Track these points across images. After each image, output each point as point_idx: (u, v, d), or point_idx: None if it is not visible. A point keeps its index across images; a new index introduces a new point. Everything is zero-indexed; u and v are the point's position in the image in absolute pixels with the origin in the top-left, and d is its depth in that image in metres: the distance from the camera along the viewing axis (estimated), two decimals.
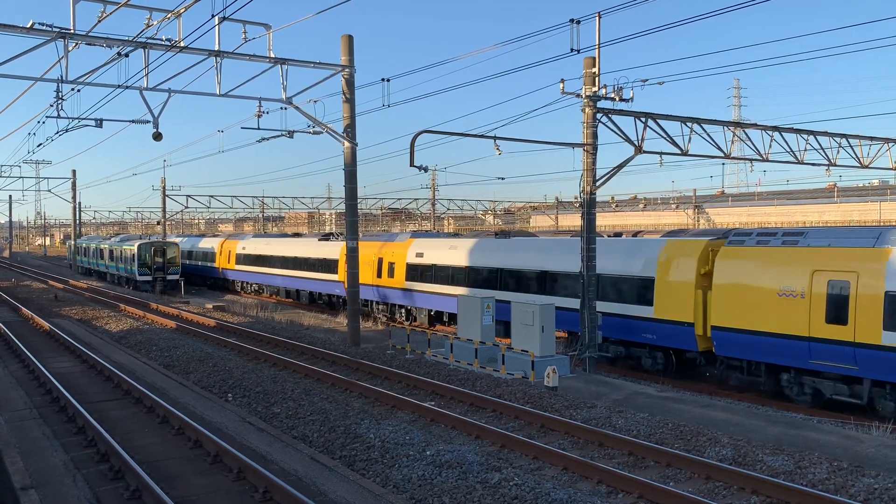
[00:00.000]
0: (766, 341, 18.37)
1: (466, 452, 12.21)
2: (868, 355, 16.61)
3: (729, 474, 10.93)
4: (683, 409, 15.84)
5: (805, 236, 18.55)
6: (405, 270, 32.35)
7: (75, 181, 70.30)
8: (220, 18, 18.98)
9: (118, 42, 19.69)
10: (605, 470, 11.10)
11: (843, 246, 17.47)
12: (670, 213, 74.83)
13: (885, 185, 64.93)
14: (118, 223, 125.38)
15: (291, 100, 23.52)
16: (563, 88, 20.24)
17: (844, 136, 26.38)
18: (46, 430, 13.60)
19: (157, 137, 21.41)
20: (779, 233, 19.45)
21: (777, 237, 19.14)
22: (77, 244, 70.28)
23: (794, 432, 13.92)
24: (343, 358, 20.90)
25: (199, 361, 20.96)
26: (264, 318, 33.15)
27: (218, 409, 15.40)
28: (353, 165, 24.31)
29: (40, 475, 11.04)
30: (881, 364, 16.44)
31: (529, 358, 18.89)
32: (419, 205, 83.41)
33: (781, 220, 62.72)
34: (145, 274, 48.20)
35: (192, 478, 11.06)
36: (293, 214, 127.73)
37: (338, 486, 10.56)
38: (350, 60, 23.90)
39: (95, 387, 17.78)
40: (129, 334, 26.89)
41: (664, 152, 22.02)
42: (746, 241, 19.55)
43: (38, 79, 20.39)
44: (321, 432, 13.71)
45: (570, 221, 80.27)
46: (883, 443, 13.21)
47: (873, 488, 10.41)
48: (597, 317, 20.94)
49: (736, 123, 24.57)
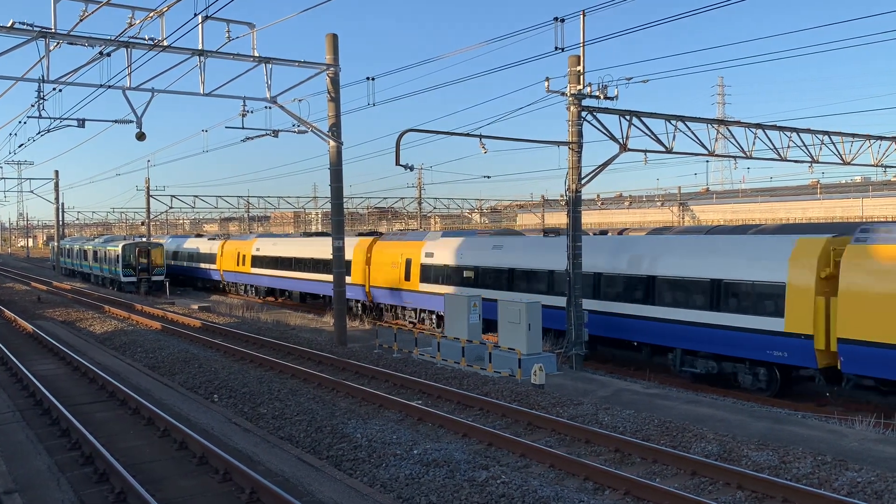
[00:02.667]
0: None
1: (454, 451, 12.22)
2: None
3: (715, 470, 11.00)
4: (669, 405, 15.93)
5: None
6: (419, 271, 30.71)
7: (58, 182, 69.67)
8: (203, 17, 18.88)
9: (100, 41, 19.53)
10: (591, 467, 11.13)
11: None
12: (655, 211, 75.24)
13: (867, 182, 65.63)
14: (102, 224, 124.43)
15: (276, 99, 23.42)
16: (548, 87, 20.30)
17: (827, 134, 26.62)
18: (30, 434, 13.47)
19: (140, 137, 21.25)
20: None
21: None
22: (60, 245, 69.68)
23: (779, 427, 14.03)
24: (330, 358, 20.86)
25: (185, 362, 20.84)
26: (250, 319, 33.01)
27: (204, 411, 15.32)
28: (339, 164, 24.25)
29: (24, 479, 10.94)
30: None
31: (516, 356, 18.93)
32: (405, 203, 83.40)
33: (765, 216, 63.23)
34: (130, 275, 47.84)
35: (177, 479, 11.00)
36: (279, 214, 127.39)
37: (325, 486, 10.54)
38: (335, 59, 23.84)
39: (80, 389, 17.63)
40: (114, 336, 26.70)
41: (649, 150, 22.13)
42: (877, 238, 16.54)
43: (18, 79, 20.19)
44: (308, 432, 13.67)
45: (556, 220, 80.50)
46: (866, 437, 13.34)
47: (856, 482, 10.51)
48: (583, 314, 21.01)
49: (720, 121, 24.74)
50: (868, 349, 16.13)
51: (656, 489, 10.17)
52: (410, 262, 31.42)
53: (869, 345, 16.09)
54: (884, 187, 61.35)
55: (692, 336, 19.84)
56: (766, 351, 18.19)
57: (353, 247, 35.03)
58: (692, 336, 19.84)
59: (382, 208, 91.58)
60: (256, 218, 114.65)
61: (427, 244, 31.08)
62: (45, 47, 18.84)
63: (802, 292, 17.52)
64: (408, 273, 31.50)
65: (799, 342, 17.59)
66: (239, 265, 47.64)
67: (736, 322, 18.88)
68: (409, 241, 32.73)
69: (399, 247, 32.49)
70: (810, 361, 17.43)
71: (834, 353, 17.08)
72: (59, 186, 69.69)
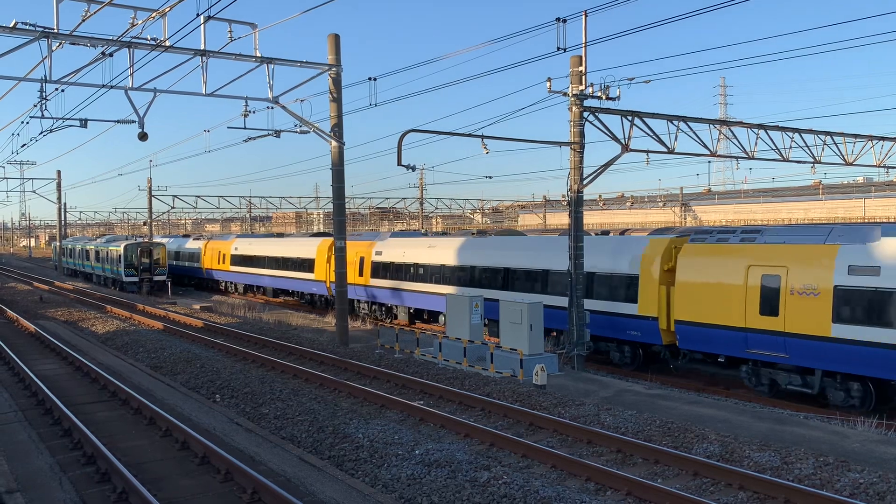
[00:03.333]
0: (719, 333, 19.21)
1: (455, 451, 12.22)
2: (802, 345, 17.35)
3: (716, 470, 10.99)
4: (671, 405, 15.91)
5: (762, 234, 19.15)
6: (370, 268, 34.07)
7: (60, 182, 69.77)
8: (205, 17, 18.90)
9: (102, 41, 19.55)
10: (593, 467, 11.13)
11: (799, 243, 18.10)
12: (658, 212, 75.17)
13: (870, 183, 65.50)
14: (104, 224, 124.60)
15: (278, 99, 23.45)
16: (549, 87, 20.28)
17: (829, 134, 26.58)
18: (32, 433, 13.49)
19: (142, 137, 21.28)
20: (738, 230, 20.11)
21: (736, 234, 19.76)
22: (62, 245, 69.74)
23: (781, 428, 14.01)
24: (331, 358, 20.86)
25: (187, 362, 20.85)
26: (252, 319, 33.03)
27: (206, 411, 15.32)
28: (341, 165, 24.26)
29: (26, 478, 10.95)
30: (813, 353, 17.16)
31: (518, 356, 18.92)
32: (407, 204, 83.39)
33: (767, 217, 63.16)
34: (132, 275, 47.88)
35: (179, 479, 11.00)
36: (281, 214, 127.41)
37: (326, 486, 10.54)
38: (337, 59, 23.84)
39: (81, 389, 17.65)
40: (116, 335, 26.72)
41: (651, 150, 22.10)
42: (707, 239, 20.26)
43: (21, 79, 20.22)
44: (310, 432, 13.67)
45: (558, 220, 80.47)
46: (868, 438, 13.32)
47: (859, 483, 10.49)
48: (584, 314, 21.01)
49: (722, 122, 24.71)
50: (696, 328, 19.74)
51: (658, 490, 10.16)
52: (364, 260, 34.45)
53: (696, 325, 19.71)
54: (886, 188, 61.25)
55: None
56: (627, 331, 21.79)
57: (317, 246, 38.51)
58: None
59: (384, 209, 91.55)
60: (258, 218, 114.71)
61: (377, 244, 34.20)
62: (48, 47, 18.86)
63: (650, 282, 21.30)
64: (361, 269, 34.54)
65: (648, 323, 21.28)
66: (220, 264, 50.60)
67: (605, 307, 22.51)
68: (363, 241, 35.76)
69: (355, 246, 35.33)
70: (657, 339, 21.15)
71: (673, 333, 20.68)
72: (61, 186, 69.82)
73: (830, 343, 16.79)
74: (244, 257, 47.32)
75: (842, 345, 16.58)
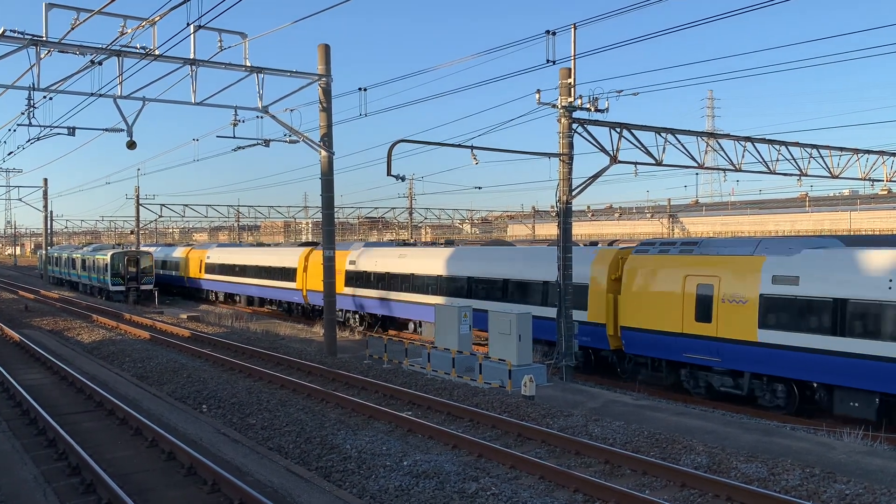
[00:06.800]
0: (660, 339, 20.37)
1: (444, 462, 12.19)
2: (732, 349, 18.49)
3: (704, 482, 11.01)
4: (659, 416, 15.94)
5: (699, 245, 20.34)
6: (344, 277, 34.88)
7: (47, 190, 69.28)
8: (195, 27, 18.90)
9: (91, 50, 19.51)
10: (581, 478, 11.12)
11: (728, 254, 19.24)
12: (645, 223, 75.56)
13: (855, 195, 66.11)
14: (91, 232, 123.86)
15: (268, 108, 23.44)
16: (539, 99, 20.40)
17: (815, 147, 26.84)
18: (16, 444, 13.34)
19: (131, 146, 21.22)
20: (678, 242, 21.26)
21: (676, 246, 20.93)
22: (48, 254, 69.22)
23: (768, 439, 14.07)
24: (319, 368, 20.78)
25: (173, 372, 20.71)
26: (239, 329, 32.86)
27: (192, 421, 15.22)
28: (330, 174, 24.25)
29: (10, 489, 10.82)
30: (742, 357, 18.25)
31: (507, 367, 18.92)
32: (396, 213, 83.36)
33: (754, 228, 63.57)
34: (118, 284, 47.57)
35: (165, 490, 10.92)
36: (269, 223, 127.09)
37: (314, 497, 10.48)
38: (327, 69, 23.87)
39: (67, 399, 17.49)
40: (102, 345, 26.52)
41: (639, 162, 22.27)
42: (650, 250, 21.33)
43: (9, 86, 20.13)
44: (297, 443, 13.60)
45: (546, 230, 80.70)
46: (854, 449, 13.40)
47: (844, 494, 10.54)
48: (573, 325, 21.05)
49: (709, 134, 24.91)
50: (638, 334, 20.90)
51: (646, 501, 10.17)
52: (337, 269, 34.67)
53: (640, 331, 20.83)
54: (871, 201, 61.84)
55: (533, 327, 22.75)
56: (580, 336, 22.05)
57: (294, 256, 39.60)
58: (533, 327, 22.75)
59: (373, 218, 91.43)
60: (247, 227, 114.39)
61: (351, 253, 35.17)
62: (36, 55, 18.80)
63: (598, 291, 22.48)
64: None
65: (596, 329, 22.36)
66: (199, 272, 51.69)
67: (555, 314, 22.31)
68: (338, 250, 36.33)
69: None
70: (605, 344, 22.24)
71: (619, 338, 21.72)
72: (48, 194, 69.33)
73: (757, 347, 18.01)
74: (220, 266, 48.43)
75: (767, 349, 17.75)
